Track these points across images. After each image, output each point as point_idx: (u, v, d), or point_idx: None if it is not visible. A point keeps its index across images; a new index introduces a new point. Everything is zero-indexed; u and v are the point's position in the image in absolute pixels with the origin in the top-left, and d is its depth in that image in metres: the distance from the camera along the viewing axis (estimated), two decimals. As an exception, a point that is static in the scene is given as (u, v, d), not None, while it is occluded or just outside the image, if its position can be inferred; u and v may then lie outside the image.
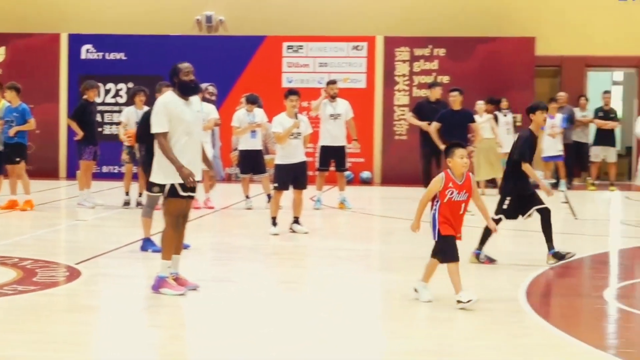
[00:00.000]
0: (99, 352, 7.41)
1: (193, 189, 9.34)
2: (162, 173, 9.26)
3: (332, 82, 17.36)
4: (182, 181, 9.12)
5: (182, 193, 9.19)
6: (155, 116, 9.27)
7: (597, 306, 9.27)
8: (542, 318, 8.59)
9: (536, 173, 11.50)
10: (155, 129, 9.21)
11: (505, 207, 11.32)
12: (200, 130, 9.63)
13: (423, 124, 17.44)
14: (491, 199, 19.10)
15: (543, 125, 11.96)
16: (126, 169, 16.74)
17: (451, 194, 8.78)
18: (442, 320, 8.56)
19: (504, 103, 21.00)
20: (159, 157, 9.29)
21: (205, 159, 9.89)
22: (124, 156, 16.70)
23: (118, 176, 18.36)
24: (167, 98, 9.30)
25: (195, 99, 9.46)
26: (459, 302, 8.67)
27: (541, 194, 11.66)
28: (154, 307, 9.13)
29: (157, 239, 12.03)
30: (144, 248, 11.89)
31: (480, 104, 19.62)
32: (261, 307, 9.07)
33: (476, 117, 18.83)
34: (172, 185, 9.17)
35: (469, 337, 7.94)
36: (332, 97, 16.81)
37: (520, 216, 11.51)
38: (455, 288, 8.77)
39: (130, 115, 16.21)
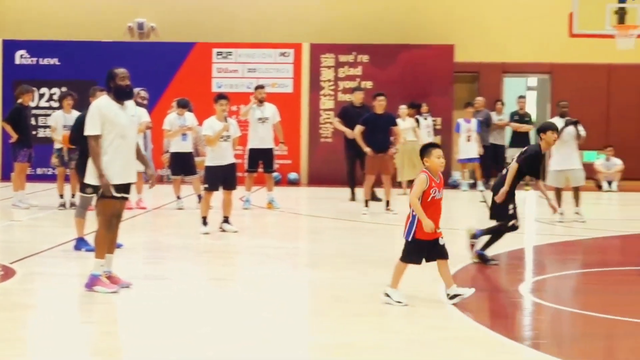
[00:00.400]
0: (33, 349, 7.32)
1: (126, 190, 9.31)
2: (93, 175, 9.20)
3: (260, 87, 17.39)
4: (115, 182, 9.09)
5: (115, 194, 9.13)
6: (89, 119, 9.20)
7: (513, 300, 9.40)
8: (460, 311, 8.64)
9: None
10: (88, 131, 9.15)
11: (511, 212, 11.24)
12: (135, 134, 9.56)
13: (347, 131, 17.52)
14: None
15: (552, 145, 12.01)
16: (58, 172, 16.53)
17: (434, 192, 8.75)
18: (367, 314, 8.60)
19: (424, 107, 21.18)
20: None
21: (142, 159, 9.85)
22: (54, 159, 16.50)
23: (52, 178, 18.11)
24: (102, 102, 9.25)
25: (130, 103, 9.42)
26: (386, 295, 8.74)
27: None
28: (88, 305, 9.06)
29: (90, 239, 11.94)
30: (77, 247, 11.78)
31: (403, 108, 19.78)
32: (193, 304, 9.04)
33: (399, 120, 18.99)
34: None
35: (392, 330, 7.99)
36: (260, 102, 16.84)
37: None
38: (392, 282, 8.83)
39: (58, 119, 16.12)
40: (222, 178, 13.68)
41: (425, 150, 9.02)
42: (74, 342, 7.56)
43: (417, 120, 20.47)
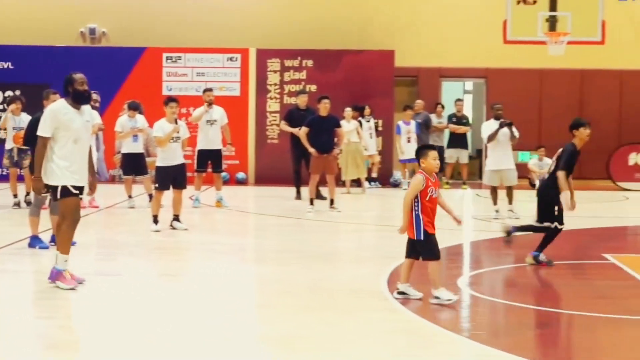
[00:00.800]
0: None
1: (82, 188, 9.23)
2: (54, 175, 9.12)
3: (208, 90, 17.40)
4: (74, 183, 9.03)
5: (73, 191, 9.06)
6: (42, 121, 9.13)
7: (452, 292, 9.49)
8: (401, 304, 8.71)
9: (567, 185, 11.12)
10: (39, 132, 9.08)
11: (557, 214, 11.05)
12: (88, 137, 9.49)
13: (294, 130, 17.57)
14: (356, 197, 19.42)
15: (586, 140, 11.71)
16: (11, 172, 16.36)
17: (432, 192, 8.70)
18: (312, 307, 8.62)
19: (367, 110, 21.27)
20: (48, 161, 9.12)
21: (90, 167, 9.75)
22: (5, 160, 16.39)
23: (5, 178, 17.93)
24: (58, 106, 9.16)
25: (86, 107, 9.34)
26: (436, 297, 8.65)
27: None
28: (43, 300, 8.98)
29: (44, 237, 11.87)
30: (31, 245, 11.64)
31: (348, 111, 19.87)
32: (145, 299, 9.01)
33: (344, 122, 19.12)
34: (64, 186, 9.03)
35: (336, 322, 7.99)
36: (209, 104, 16.80)
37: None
38: (434, 285, 8.74)
39: (8, 122, 15.97)
40: (172, 178, 13.67)
41: (421, 151, 8.92)
42: (28, 336, 7.50)
43: (360, 122, 20.57)
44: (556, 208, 11.01)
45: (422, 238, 8.77)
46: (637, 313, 8.37)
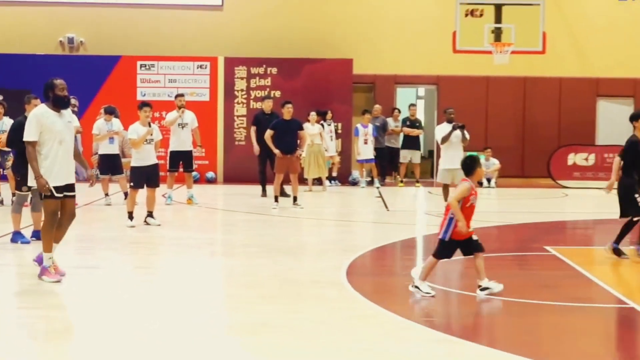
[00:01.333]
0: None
1: (69, 189, 9.14)
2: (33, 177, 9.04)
3: (180, 95, 17.41)
4: (55, 184, 8.94)
5: (56, 194, 8.97)
6: (27, 126, 9.04)
7: (406, 283, 9.48)
8: (359, 293, 8.71)
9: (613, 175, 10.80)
10: (26, 137, 8.99)
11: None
12: (72, 138, 9.39)
13: (256, 147, 17.98)
14: (317, 194, 19.41)
15: None
16: None
17: (473, 200, 8.62)
18: (277, 297, 8.61)
19: (329, 115, 21.31)
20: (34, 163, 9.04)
21: (81, 161, 9.67)
22: None
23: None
24: (40, 111, 9.07)
25: (67, 111, 9.26)
26: (416, 287, 8.60)
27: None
28: (27, 291, 8.92)
29: (26, 232, 11.76)
30: (14, 240, 11.56)
31: (313, 115, 19.93)
32: (120, 288, 8.95)
33: (309, 125, 19.25)
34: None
35: (300, 310, 7.99)
36: (181, 108, 16.77)
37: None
38: (422, 275, 8.68)
39: None
40: (146, 177, 13.65)
41: (475, 161, 8.81)
42: (10, 325, 7.42)
43: (322, 125, 20.60)
44: (637, 196, 10.66)
45: (445, 239, 8.64)
46: (575, 300, 8.46)
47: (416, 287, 8.64)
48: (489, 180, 22.02)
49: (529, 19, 20.35)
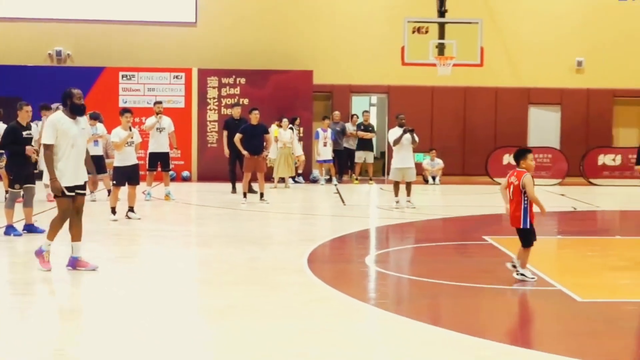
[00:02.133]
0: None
1: (81, 188, 9.03)
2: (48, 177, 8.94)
3: (158, 103, 17.35)
4: (67, 184, 8.81)
5: (67, 193, 8.85)
6: (45, 130, 8.95)
7: (361, 269, 9.51)
8: (318, 279, 8.73)
9: None
10: (44, 140, 8.89)
11: None
12: (84, 143, 9.26)
13: (226, 151, 18.09)
14: (281, 191, 19.37)
15: None
16: None
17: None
18: (245, 283, 8.61)
19: (298, 120, 21.29)
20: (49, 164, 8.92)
21: (89, 164, 9.52)
22: None
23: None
24: (57, 117, 8.96)
25: (82, 118, 9.13)
26: (522, 275, 8.52)
27: None
28: (16, 279, 8.81)
29: (18, 226, 11.62)
30: (6, 233, 11.40)
31: (285, 121, 19.99)
32: (104, 275, 8.87)
33: (281, 130, 19.32)
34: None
35: (266, 294, 7.99)
36: (158, 114, 16.71)
37: None
38: (522, 264, 8.58)
39: None
40: (127, 176, 13.59)
41: (522, 154, 8.72)
42: (4, 309, 7.32)
43: (292, 129, 20.64)
44: None
45: (527, 227, 8.57)
46: (509, 283, 8.52)
47: (522, 274, 8.55)
48: (433, 178, 22.15)
49: (469, 35, 20.45)
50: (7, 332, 6.56)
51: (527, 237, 8.62)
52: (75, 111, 8.98)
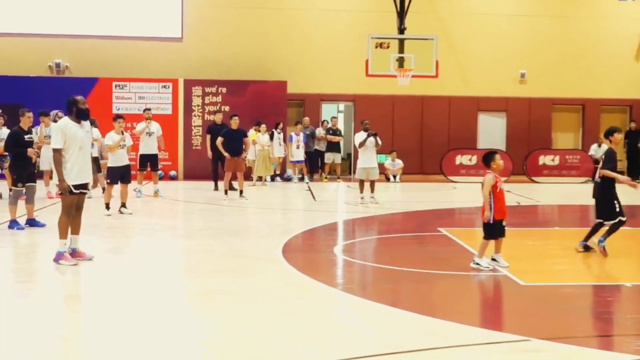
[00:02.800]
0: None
1: (84, 187, 8.93)
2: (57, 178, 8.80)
3: (147, 109, 17.24)
4: (74, 183, 8.70)
5: (74, 191, 8.76)
6: (54, 136, 8.80)
7: (330, 258, 9.51)
8: (292, 267, 8.73)
9: (619, 176, 9.68)
10: (53, 145, 8.73)
11: (618, 209, 9.55)
12: (89, 145, 9.13)
13: (209, 152, 18.04)
14: (259, 189, 19.33)
15: (619, 144, 10.27)
16: None
17: (500, 185, 8.53)
18: (227, 270, 8.58)
19: (280, 125, 21.23)
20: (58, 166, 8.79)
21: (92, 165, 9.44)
22: None
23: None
24: (64, 122, 8.80)
25: (86, 122, 8.98)
26: (477, 264, 8.51)
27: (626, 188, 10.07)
28: (19, 268, 8.70)
29: (21, 220, 11.50)
30: (10, 227, 11.30)
31: (264, 127, 20.06)
32: (99, 264, 8.80)
33: (260, 135, 19.32)
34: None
35: (241, 281, 7.96)
36: (148, 120, 16.61)
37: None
38: (480, 254, 8.57)
39: None
40: (120, 175, 13.52)
41: (490, 157, 8.66)
42: (7, 295, 7.24)
43: (273, 133, 20.66)
44: (616, 204, 9.59)
45: (491, 222, 8.55)
46: (461, 270, 8.58)
47: (477, 263, 8.55)
48: (394, 177, 22.21)
49: (425, 50, 20.54)
50: (12, 316, 6.49)
51: (489, 230, 8.62)
52: (81, 116, 8.87)
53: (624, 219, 9.60)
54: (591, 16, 24.10)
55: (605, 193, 9.71)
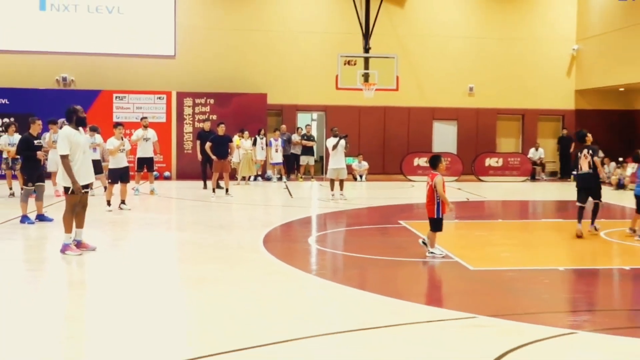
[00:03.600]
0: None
1: (87, 187, 8.88)
2: (64, 179, 8.65)
3: (144, 118, 17.08)
4: (81, 183, 8.61)
5: (82, 191, 8.68)
6: (60, 143, 8.61)
7: (305, 247, 9.51)
8: (272, 255, 8.71)
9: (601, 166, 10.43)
10: (61, 152, 8.57)
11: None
12: (89, 149, 9.06)
13: (200, 156, 17.84)
14: (243, 187, 19.25)
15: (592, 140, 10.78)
16: (7, 173, 15.67)
17: (445, 185, 8.58)
18: (215, 259, 8.55)
19: (262, 131, 21.16)
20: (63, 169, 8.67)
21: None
22: (3, 165, 15.84)
23: (2, 177, 16.96)
24: (67, 131, 8.62)
25: (81, 129, 8.85)
26: (432, 253, 8.51)
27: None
28: (30, 257, 8.58)
29: (31, 216, 11.34)
30: (22, 221, 11.16)
31: (246, 133, 20.02)
32: (101, 254, 8.70)
33: (243, 140, 19.23)
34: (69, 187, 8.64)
35: (232, 268, 7.94)
36: (145, 127, 16.46)
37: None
38: (431, 245, 8.58)
39: (4, 140, 15.38)
40: (119, 175, 13.39)
41: (437, 160, 8.70)
42: (19, 280, 7.14)
43: (256, 139, 20.61)
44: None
45: (439, 217, 8.57)
46: (418, 257, 8.62)
47: (432, 252, 8.55)
48: (361, 177, 22.23)
49: (387, 67, 20.59)
50: (24, 301, 6.40)
51: (436, 224, 8.68)
52: (80, 123, 8.77)
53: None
54: (529, 39, 24.36)
55: (597, 179, 10.57)
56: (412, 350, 4.99)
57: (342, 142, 15.43)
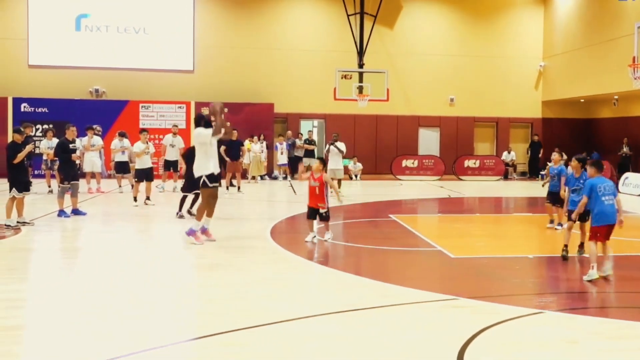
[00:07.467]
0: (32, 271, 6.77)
1: (216, 180, 8.80)
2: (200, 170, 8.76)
3: (175, 126, 17.08)
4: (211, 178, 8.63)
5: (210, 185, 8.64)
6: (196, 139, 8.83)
7: (306, 237, 9.47)
8: (277, 244, 8.67)
9: None
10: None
11: None
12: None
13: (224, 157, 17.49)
14: (254, 185, 19.17)
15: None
16: (46, 173, 15.71)
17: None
18: (225, 247, 8.49)
19: (261, 136, 21.10)
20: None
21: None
22: (43, 166, 15.83)
23: (42, 176, 16.90)
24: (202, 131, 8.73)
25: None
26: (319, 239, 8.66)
27: None
28: (65, 246, 8.51)
29: (67, 210, 11.29)
30: (59, 215, 11.10)
31: (256, 138, 20.11)
32: (128, 242, 8.64)
33: (253, 144, 19.37)
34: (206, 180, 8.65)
35: (232, 256, 7.88)
36: (174, 134, 16.40)
37: None
38: (321, 234, 8.74)
39: (44, 144, 15.38)
40: (145, 175, 13.33)
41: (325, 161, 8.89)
42: (56, 265, 7.09)
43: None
44: None
45: (327, 208, 8.77)
46: (406, 246, 8.59)
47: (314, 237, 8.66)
48: (356, 176, 22.18)
49: (379, 80, 20.58)
50: (61, 284, 6.35)
51: (327, 216, 8.88)
52: (207, 125, 8.88)
53: None
54: (502, 56, 24.31)
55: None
56: (398, 327, 4.94)
57: (332, 148, 15.38)
